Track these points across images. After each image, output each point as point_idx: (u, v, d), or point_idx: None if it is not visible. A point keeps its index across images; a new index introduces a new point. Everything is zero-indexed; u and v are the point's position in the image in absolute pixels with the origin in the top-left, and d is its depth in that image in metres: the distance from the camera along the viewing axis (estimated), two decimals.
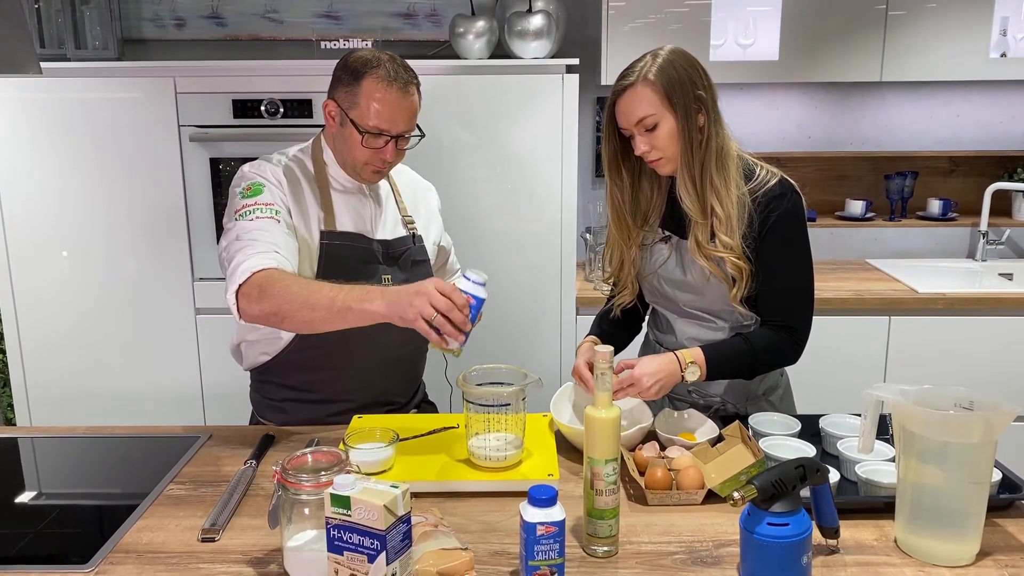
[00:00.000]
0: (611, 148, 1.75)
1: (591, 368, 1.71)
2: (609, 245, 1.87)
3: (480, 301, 1.46)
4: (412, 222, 1.90)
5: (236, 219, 1.66)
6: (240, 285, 1.56)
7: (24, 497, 1.58)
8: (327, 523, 1.13)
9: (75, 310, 2.82)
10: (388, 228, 1.85)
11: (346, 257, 1.76)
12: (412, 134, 1.75)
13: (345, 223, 1.79)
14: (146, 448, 1.76)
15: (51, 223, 2.76)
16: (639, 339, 2.02)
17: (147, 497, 1.49)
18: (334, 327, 1.53)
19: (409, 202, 1.93)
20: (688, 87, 1.64)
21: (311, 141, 1.87)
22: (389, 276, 1.80)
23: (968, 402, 1.30)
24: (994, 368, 2.79)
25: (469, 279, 1.46)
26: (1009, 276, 3.14)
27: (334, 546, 1.14)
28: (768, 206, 1.67)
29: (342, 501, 1.11)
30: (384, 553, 1.10)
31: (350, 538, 1.12)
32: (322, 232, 1.76)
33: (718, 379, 1.75)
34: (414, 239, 1.88)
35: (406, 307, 1.42)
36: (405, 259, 1.84)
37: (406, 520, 1.13)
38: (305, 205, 1.76)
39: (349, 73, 1.70)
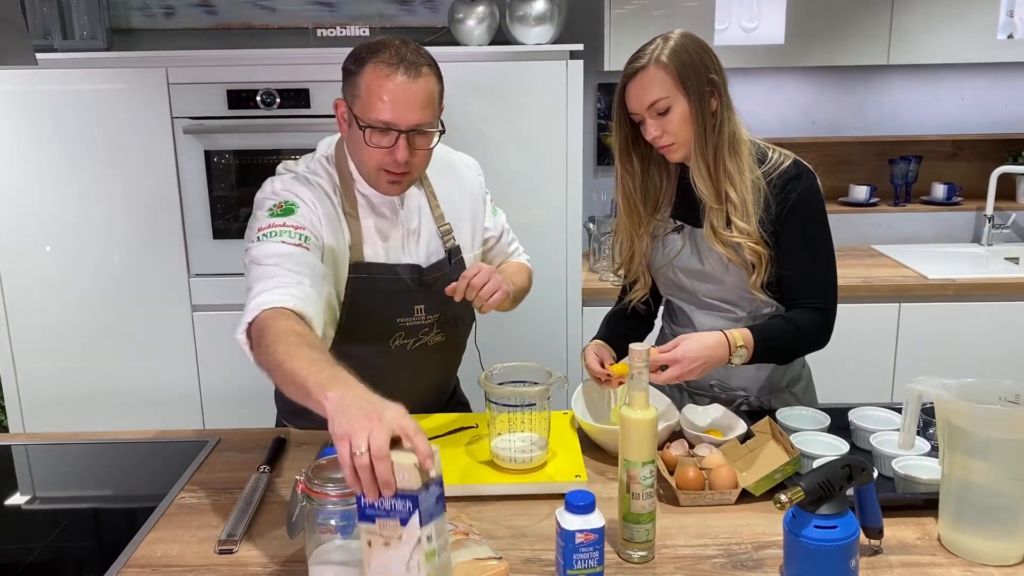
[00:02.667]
0: (622, 134, 1.70)
1: (601, 364, 1.67)
2: (619, 234, 1.82)
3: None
4: (450, 232, 1.69)
5: (259, 239, 1.45)
6: (248, 324, 1.35)
7: (27, 509, 1.51)
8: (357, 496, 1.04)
9: (67, 309, 2.74)
10: (422, 251, 1.65)
11: (373, 291, 1.59)
12: (429, 128, 1.50)
13: (374, 253, 1.60)
14: (153, 454, 1.69)
15: (41, 220, 2.68)
16: (652, 335, 1.97)
17: (158, 507, 1.43)
18: (299, 401, 1.20)
19: (448, 200, 1.71)
20: (701, 70, 1.59)
21: (333, 147, 1.64)
22: (423, 306, 1.64)
23: (1014, 395, 1.25)
24: (1005, 354, 2.76)
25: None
26: (1015, 260, 3.12)
27: (365, 515, 1.04)
28: (785, 188, 1.63)
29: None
30: (417, 514, 1.00)
31: (381, 504, 1.02)
32: (350, 265, 1.58)
33: (761, 360, 1.68)
34: (450, 257, 1.68)
35: (351, 424, 1.04)
36: (440, 285, 1.61)
37: (439, 483, 1.04)
38: (335, 235, 1.55)
39: (353, 62, 1.49)
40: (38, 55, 2.57)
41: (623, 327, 1.87)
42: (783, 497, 1.12)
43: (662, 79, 1.58)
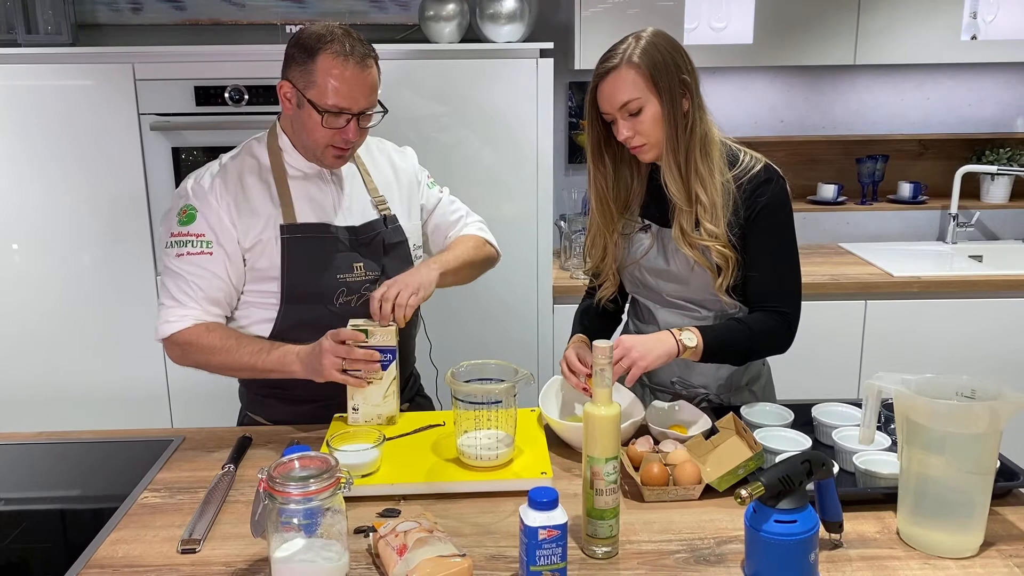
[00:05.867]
0: (595, 134, 1.69)
1: (580, 362, 1.67)
2: (591, 235, 1.81)
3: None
4: (384, 202, 1.80)
5: (168, 248, 1.68)
6: (163, 340, 1.68)
7: None
8: None
9: (31, 308, 2.70)
10: (355, 213, 1.76)
11: (310, 250, 1.68)
12: (374, 111, 1.66)
13: (305, 214, 1.70)
14: (116, 454, 1.67)
15: (6, 218, 2.65)
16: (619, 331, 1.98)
17: (120, 507, 1.42)
18: (260, 377, 1.68)
19: (382, 179, 1.83)
20: (673, 71, 1.58)
21: (268, 129, 1.77)
22: (361, 264, 1.72)
23: (970, 390, 1.28)
24: (969, 350, 2.81)
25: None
26: (979, 258, 3.17)
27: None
28: (755, 192, 1.64)
29: (363, 332, 1.57)
30: (395, 361, 1.61)
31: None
32: (282, 227, 1.67)
33: (714, 359, 1.69)
34: (386, 221, 1.78)
35: (317, 368, 1.58)
36: (376, 243, 1.76)
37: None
38: (256, 209, 1.68)
39: (302, 50, 1.59)
40: (0, 49, 2.54)
41: (596, 324, 1.87)
42: (743, 492, 1.13)
43: (633, 79, 1.57)
